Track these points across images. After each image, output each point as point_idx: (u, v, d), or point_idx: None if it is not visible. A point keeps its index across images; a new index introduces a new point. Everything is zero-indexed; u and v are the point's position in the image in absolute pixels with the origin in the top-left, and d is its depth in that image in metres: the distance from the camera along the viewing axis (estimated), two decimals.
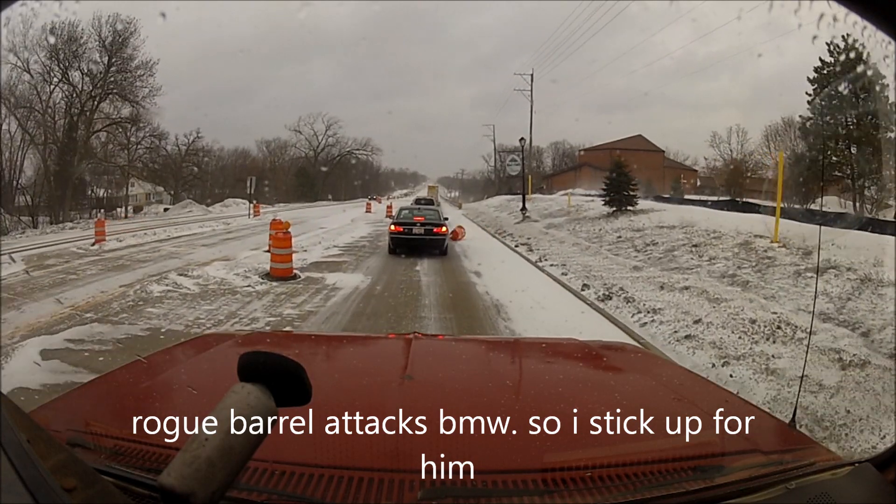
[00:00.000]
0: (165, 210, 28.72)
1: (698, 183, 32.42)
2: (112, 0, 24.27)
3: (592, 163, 37.26)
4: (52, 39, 22.37)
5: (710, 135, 30.81)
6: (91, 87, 24.65)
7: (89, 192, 26.06)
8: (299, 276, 8.68)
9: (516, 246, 14.41)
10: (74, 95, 24.33)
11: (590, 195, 24.87)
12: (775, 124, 25.49)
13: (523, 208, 22.81)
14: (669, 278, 8.27)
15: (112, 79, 25.34)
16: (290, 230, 10.23)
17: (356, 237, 15.77)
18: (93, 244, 12.74)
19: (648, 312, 6.59)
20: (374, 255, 11.92)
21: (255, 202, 26.35)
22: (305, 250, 11.66)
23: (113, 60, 25.04)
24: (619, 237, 13.86)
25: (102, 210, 25.61)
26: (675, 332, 5.86)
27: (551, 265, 10.75)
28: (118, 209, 27.30)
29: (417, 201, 30.03)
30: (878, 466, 0.87)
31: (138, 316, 6.14)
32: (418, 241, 11.84)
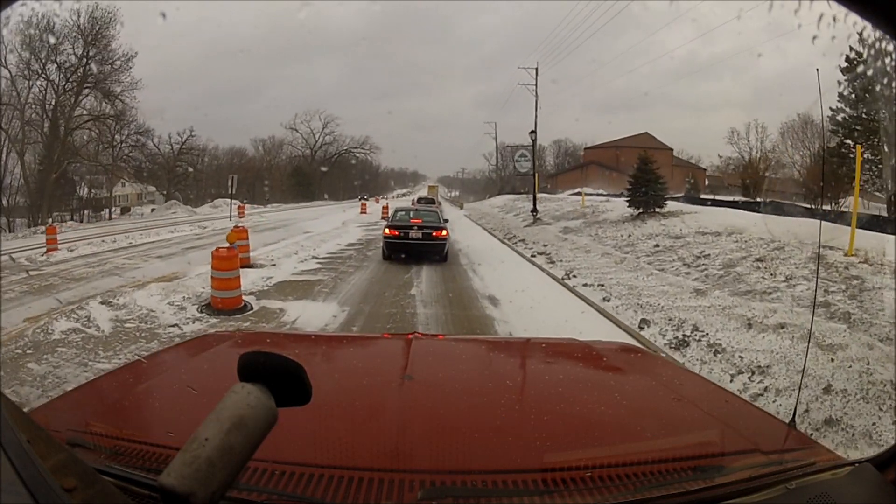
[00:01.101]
0: (153, 211, 28.23)
1: (706, 182, 32.23)
2: (113, 0, 24.10)
3: (597, 161, 36.96)
4: (30, 32, 21.67)
5: (728, 131, 29.61)
6: (65, 80, 23.70)
7: (77, 192, 25.43)
8: (249, 308, 6.72)
9: (533, 256, 12.20)
10: (51, 90, 23.55)
11: (603, 195, 23.85)
12: (791, 121, 24.56)
13: (534, 210, 20.72)
14: (750, 308, 6.44)
15: (90, 71, 24.41)
16: (246, 240, 9.14)
17: (343, 245, 13.53)
18: (44, 253, 11.42)
19: (753, 373, 4.59)
20: (360, 271, 9.71)
21: (239, 203, 25.30)
22: (274, 264, 9.85)
23: (90, 51, 24.15)
24: (657, 246, 11.62)
25: (86, 211, 25.00)
26: (824, 420, 3.69)
27: (584, 284, 8.51)
28: (107, 210, 26.68)
29: (420, 200, 29.62)
30: (878, 466, 0.87)
31: (11, 377, 4.51)
32: (415, 246, 10.57)
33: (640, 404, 1.28)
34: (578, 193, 27.09)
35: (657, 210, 15.00)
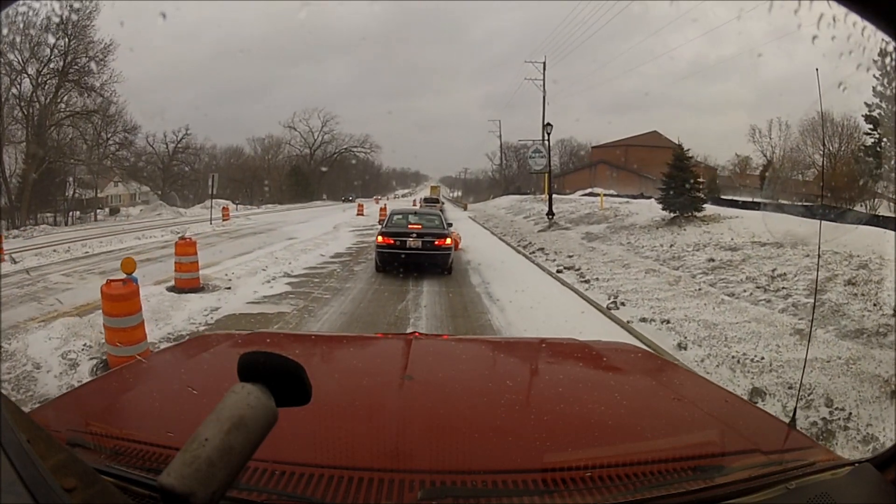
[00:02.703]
0: (140, 212, 27.60)
1: (716, 182, 31.93)
2: (114, 0, 23.83)
3: (605, 160, 36.53)
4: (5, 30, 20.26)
5: (749, 129, 28.44)
6: (38, 73, 22.49)
7: (68, 193, 24.61)
8: None
9: (559, 271, 10.02)
10: (29, 83, 22.56)
11: (613, 195, 22.45)
12: (811, 118, 23.11)
13: (549, 212, 18.53)
14: (878, 362, 4.92)
15: (72, 64, 23.41)
16: (193, 256, 7.45)
17: (327, 256, 11.45)
18: None
19: None
20: (340, 298, 7.48)
21: (224, 206, 24.33)
22: (229, 287, 7.68)
23: (71, 42, 23.08)
24: (712, 260, 9.47)
25: (75, 213, 24.22)
26: None
27: (642, 319, 6.44)
28: (98, 210, 26.01)
29: (425, 201, 29.19)
30: (878, 466, 0.88)
31: None
32: (414, 257, 8.96)
33: (640, 404, 1.28)
34: (591, 194, 25.99)
35: (694, 214, 13.06)
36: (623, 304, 7.24)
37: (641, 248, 11.83)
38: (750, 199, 18.13)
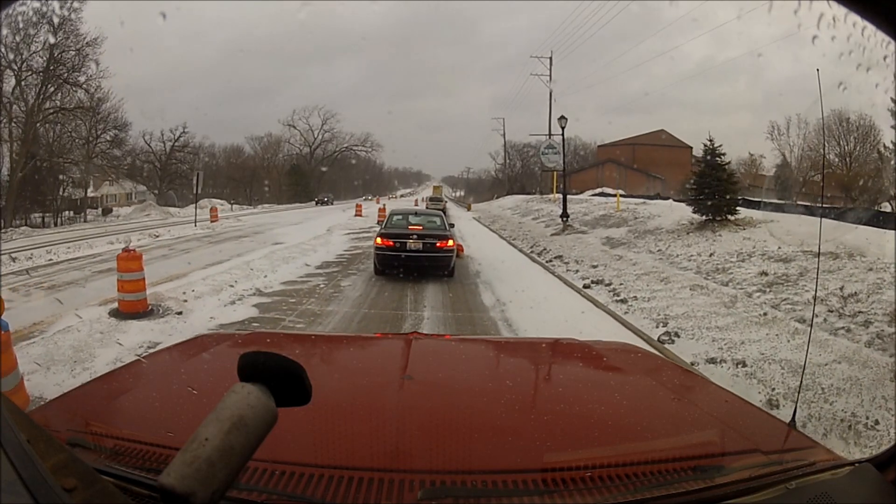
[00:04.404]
0: (131, 212, 26.95)
1: None
2: (114, 0, 23.61)
3: (612, 159, 36.18)
4: None
5: (769, 126, 27.39)
6: (18, 67, 21.64)
7: (59, 192, 24.04)
8: None
9: (587, 286, 8.60)
10: (13, 77, 21.86)
11: (637, 196, 21.30)
12: (827, 116, 22.29)
13: (564, 214, 17.20)
14: None
15: (58, 57, 22.63)
16: (137, 272, 6.15)
17: (312, 266, 9.97)
18: None
19: None
20: (315, 330, 5.92)
21: (214, 206, 23.50)
22: (181, 311, 6.34)
23: (57, 35, 22.28)
24: (764, 274, 8.06)
25: (68, 213, 23.70)
26: None
27: (709, 360, 5.16)
28: (90, 210, 25.49)
29: (430, 201, 28.92)
30: (878, 466, 0.88)
31: None
32: (414, 259, 8.65)
33: (640, 404, 1.28)
34: (602, 194, 25.14)
35: (728, 217, 11.83)
36: (677, 334, 5.82)
37: (676, 256, 10.40)
38: (777, 201, 17.01)
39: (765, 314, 6.49)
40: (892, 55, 0.83)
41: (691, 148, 33.97)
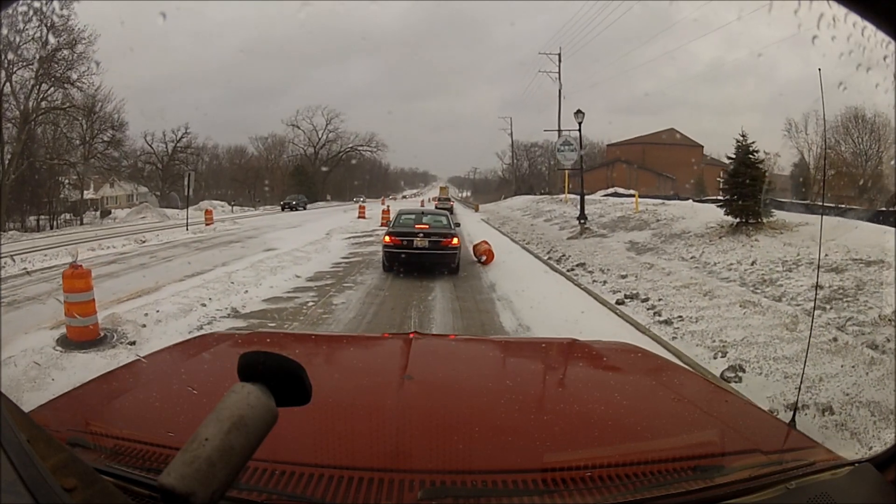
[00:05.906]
0: (127, 215, 26.19)
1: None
2: (115, 0, 23.45)
3: (622, 158, 35.55)
4: None
5: (786, 123, 26.34)
6: (10, 64, 21.01)
7: (59, 195, 23.64)
8: None
9: (619, 302, 7.48)
10: (4, 74, 21.24)
11: (654, 197, 19.96)
12: (841, 114, 21.96)
13: (581, 217, 15.84)
14: None
15: (52, 54, 21.97)
16: (84, 292, 5.10)
17: (304, 278, 8.85)
18: None
19: None
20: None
21: (209, 208, 22.80)
22: (134, 342, 5.29)
23: (49, 32, 21.58)
24: (819, 288, 7.14)
25: (66, 215, 23.18)
26: None
27: (788, 407, 4.21)
28: (90, 212, 24.98)
29: (439, 201, 28.89)
30: (878, 466, 0.88)
31: None
32: (421, 257, 9.11)
33: (640, 404, 1.28)
34: (616, 194, 24.56)
35: (762, 220, 10.91)
36: (741, 368, 4.83)
37: (714, 265, 9.25)
38: (802, 202, 15.17)
39: (834, 339, 5.41)
40: (892, 55, 0.83)
41: (702, 147, 33.48)
